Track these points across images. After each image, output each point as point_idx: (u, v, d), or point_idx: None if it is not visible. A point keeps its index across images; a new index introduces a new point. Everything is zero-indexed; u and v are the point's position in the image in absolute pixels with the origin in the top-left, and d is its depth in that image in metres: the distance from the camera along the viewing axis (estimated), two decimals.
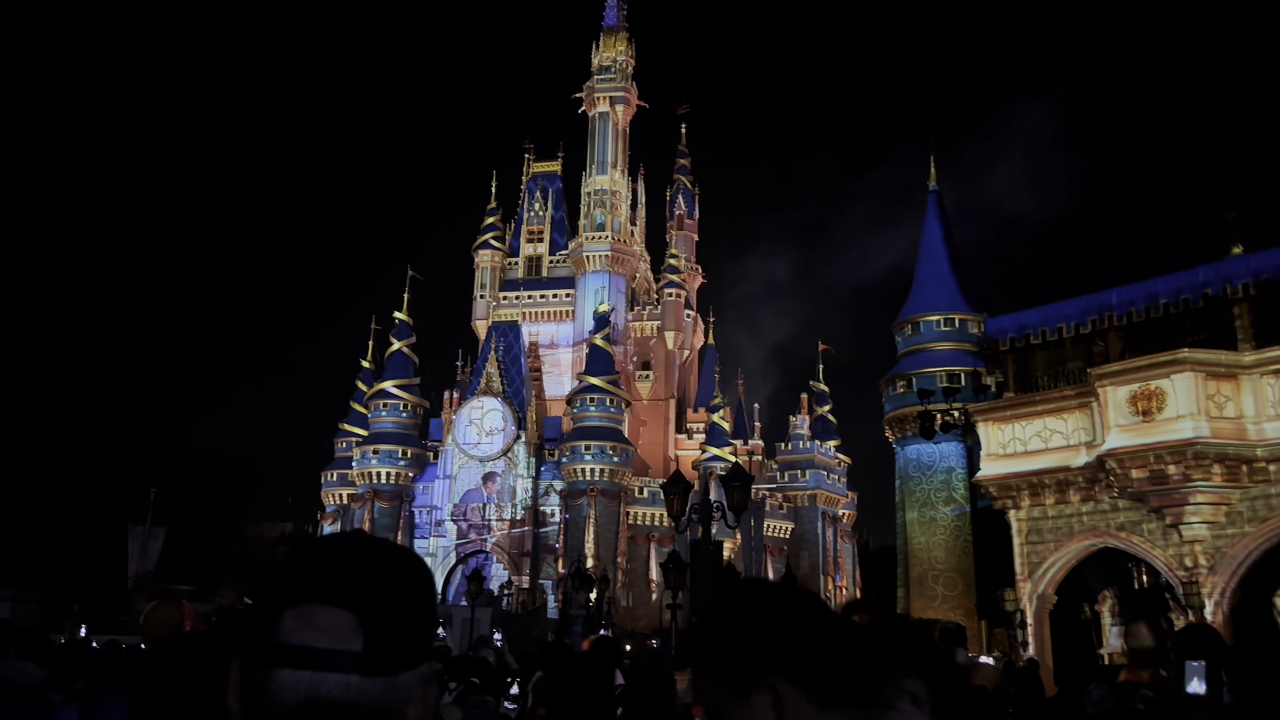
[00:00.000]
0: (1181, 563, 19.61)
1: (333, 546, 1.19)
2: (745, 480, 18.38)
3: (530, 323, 64.32)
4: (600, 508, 53.23)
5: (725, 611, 1.46)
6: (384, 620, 1.13)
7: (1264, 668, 4.56)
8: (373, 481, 56.33)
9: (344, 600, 1.12)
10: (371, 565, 1.16)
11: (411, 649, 1.15)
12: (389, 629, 1.13)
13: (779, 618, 1.42)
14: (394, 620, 1.14)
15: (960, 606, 28.88)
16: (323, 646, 1.09)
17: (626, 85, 67.55)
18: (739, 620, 1.43)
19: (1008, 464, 22.19)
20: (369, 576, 1.15)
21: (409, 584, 1.18)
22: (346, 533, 1.23)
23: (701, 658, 1.43)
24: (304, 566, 1.16)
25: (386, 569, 1.17)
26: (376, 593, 1.14)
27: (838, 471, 62.58)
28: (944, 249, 33.55)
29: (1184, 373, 18.94)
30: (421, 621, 1.18)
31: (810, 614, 1.44)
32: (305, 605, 1.12)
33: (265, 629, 1.12)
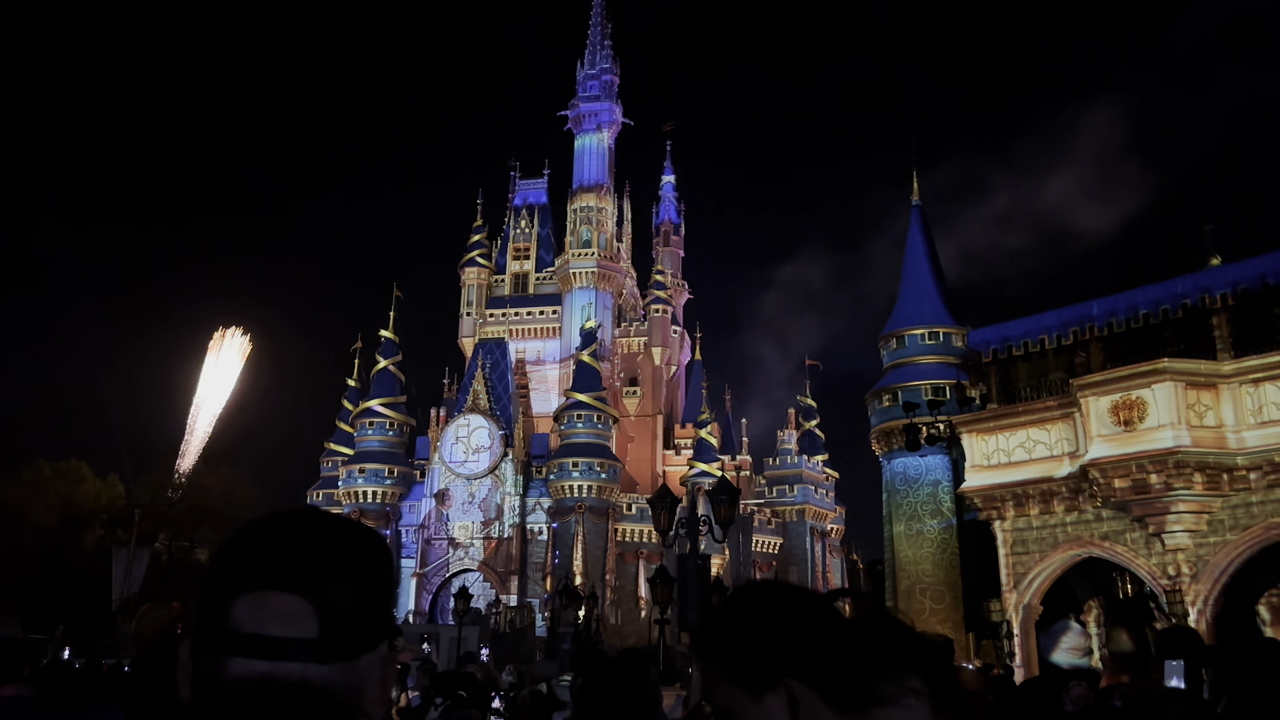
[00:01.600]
0: (1165, 571, 19.73)
1: (283, 527, 1.15)
2: (732, 495, 18.43)
3: (517, 340, 64.32)
4: (588, 524, 53.13)
5: (739, 610, 1.45)
6: (340, 604, 1.10)
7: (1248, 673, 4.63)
8: (359, 501, 56.09)
9: (298, 585, 1.09)
10: (325, 546, 1.13)
11: (370, 631, 1.13)
12: (345, 613, 1.10)
13: (792, 618, 1.41)
14: (350, 603, 1.11)
15: (948, 619, 28.92)
16: (278, 634, 1.07)
17: (612, 103, 67.90)
18: (754, 619, 1.42)
19: (992, 475, 22.31)
20: (323, 558, 1.12)
21: (365, 564, 1.15)
22: (296, 510, 1.18)
23: (715, 657, 1.41)
24: (255, 550, 1.12)
25: (341, 549, 1.14)
26: (331, 576, 1.11)
27: (825, 486, 62.68)
28: (928, 262, 33.78)
29: (1164, 382, 19.12)
30: (379, 601, 1.15)
31: (821, 614, 1.44)
32: (258, 591, 1.08)
33: (218, 615, 1.09)
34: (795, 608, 1.44)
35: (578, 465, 53.75)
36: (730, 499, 18.33)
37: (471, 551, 54.86)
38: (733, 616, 1.45)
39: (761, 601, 1.45)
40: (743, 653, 1.39)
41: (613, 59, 68.87)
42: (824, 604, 1.47)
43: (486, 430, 56.16)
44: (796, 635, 1.39)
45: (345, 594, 1.11)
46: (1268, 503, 18.76)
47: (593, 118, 67.38)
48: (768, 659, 1.36)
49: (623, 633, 49.78)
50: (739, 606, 1.46)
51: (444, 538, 55.19)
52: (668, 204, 73.40)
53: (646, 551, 53.32)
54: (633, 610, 52.86)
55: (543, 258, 67.78)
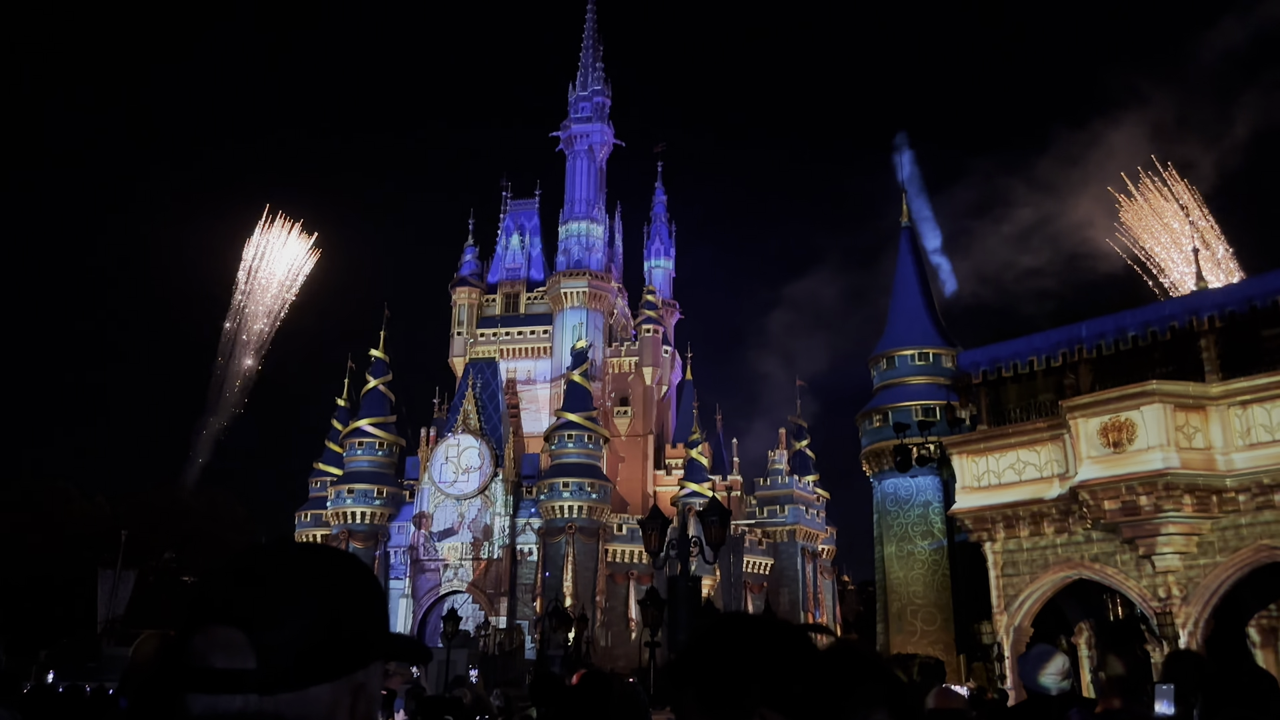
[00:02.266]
0: (1155, 594, 19.74)
1: (244, 559, 1.16)
2: (723, 515, 18.38)
3: (508, 360, 64.28)
4: (578, 545, 52.92)
5: (713, 642, 1.46)
6: (280, 635, 1.09)
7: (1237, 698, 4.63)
8: (347, 522, 55.77)
9: (237, 617, 1.10)
10: (272, 575, 1.14)
11: (325, 659, 1.11)
12: (288, 643, 1.10)
13: (766, 649, 1.42)
14: (294, 633, 1.10)
15: (939, 641, 28.85)
16: (221, 666, 1.08)
17: (603, 124, 68.27)
18: (727, 651, 1.43)
19: (982, 496, 22.32)
20: (269, 589, 1.12)
21: (321, 591, 1.14)
22: (264, 544, 1.20)
23: (689, 688, 1.42)
24: (209, 584, 1.15)
25: (291, 577, 1.14)
26: (274, 606, 1.11)
27: (817, 506, 62.60)
28: (917, 284, 33.95)
29: (1153, 404, 19.20)
30: (337, 628, 1.13)
31: (794, 646, 1.46)
32: (207, 625, 1.11)
33: (180, 651, 1.11)
34: (768, 640, 1.45)
35: (568, 485, 53.59)
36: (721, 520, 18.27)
37: (461, 573, 54.53)
38: (706, 648, 1.46)
39: (735, 634, 1.47)
40: (716, 684, 1.40)
41: (604, 80, 69.33)
42: (797, 636, 1.49)
43: (477, 450, 55.98)
44: (769, 667, 1.40)
45: (287, 623, 1.10)
46: (1257, 524, 18.81)
47: (584, 139, 67.72)
48: (741, 691, 1.38)
49: (613, 655, 49.50)
50: (713, 638, 1.47)
51: (433, 559, 54.87)
52: (659, 224, 73.70)
53: (637, 573, 53.08)
54: (623, 632, 52.57)
55: (534, 278, 67.95)
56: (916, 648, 28.08)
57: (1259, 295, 20.08)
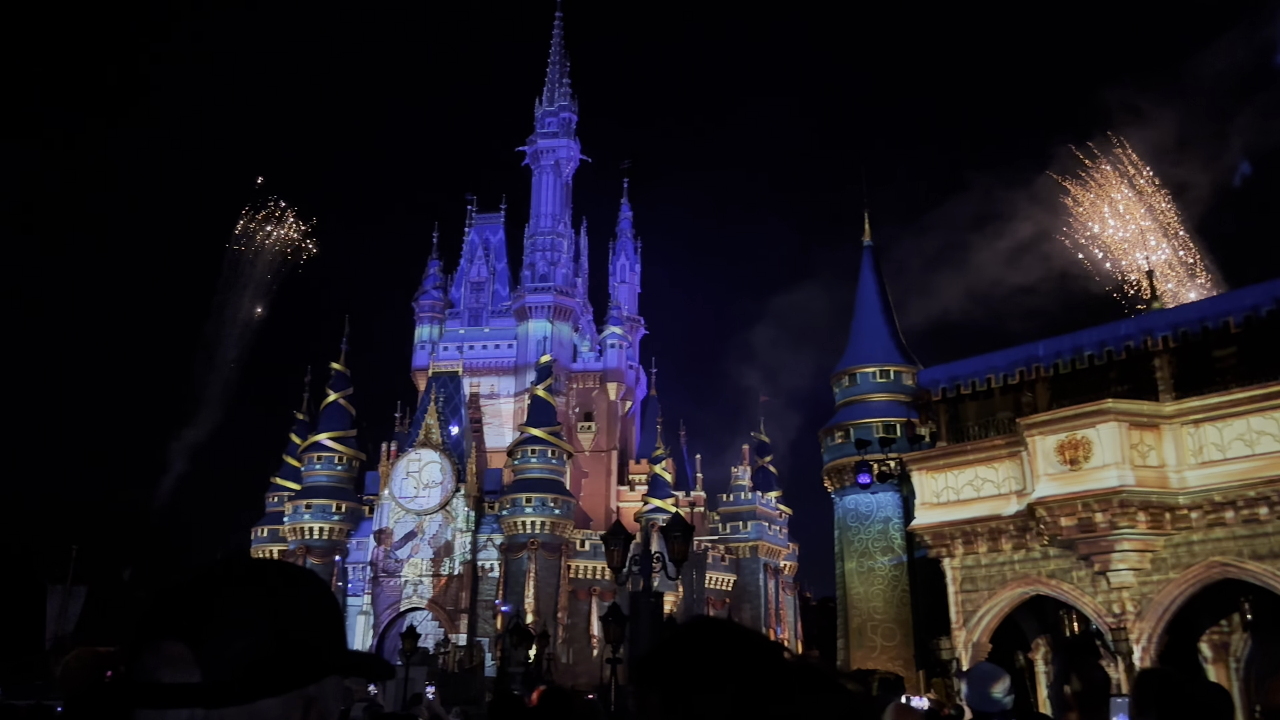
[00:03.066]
0: (1110, 609, 20.00)
1: (195, 577, 1.18)
2: (686, 531, 18.36)
3: (471, 374, 63.93)
4: (541, 561, 52.60)
5: (681, 648, 1.45)
6: (226, 648, 1.11)
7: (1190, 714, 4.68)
8: (305, 537, 55.00)
9: (182, 631, 1.11)
10: (223, 591, 1.15)
11: (271, 673, 1.12)
12: (235, 657, 1.11)
13: (733, 659, 1.41)
14: (241, 647, 1.12)
15: (899, 657, 29.00)
16: (167, 681, 1.09)
17: (570, 140, 68.41)
18: (694, 658, 1.42)
19: (941, 513, 22.52)
20: (215, 604, 1.14)
21: (269, 605, 1.16)
22: (218, 561, 1.21)
23: (653, 694, 1.41)
24: (159, 601, 1.16)
25: (241, 593, 1.15)
26: (219, 620, 1.12)
27: (779, 522, 62.81)
28: (879, 302, 34.29)
29: (1109, 422, 19.51)
30: (286, 642, 1.14)
31: (763, 658, 1.44)
32: (155, 641, 1.12)
33: (131, 667, 1.12)
34: (737, 650, 1.43)
35: (531, 501, 53.29)
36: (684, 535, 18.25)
37: (420, 589, 53.95)
38: (675, 653, 1.44)
39: (704, 641, 1.45)
40: (680, 691, 1.39)
41: (571, 96, 69.53)
42: (769, 649, 1.47)
43: (438, 465, 55.53)
44: (735, 678, 1.38)
45: (232, 637, 1.12)
46: (1209, 541, 19.15)
47: (550, 154, 67.82)
48: (703, 700, 1.36)
49: (574, 672, 49.18)
50: (682, 644, 1.45)
51: (393, 575, 54.25)
52: (625, 240, 73.85)
53: (600, 589, 52.85)
54: (585, 649, 52.28)
55: (498, 291, 67.76)
56: (876, 663, 28.19)
57: (1211, 316, 20.51)
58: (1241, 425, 18.93)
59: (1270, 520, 18.43)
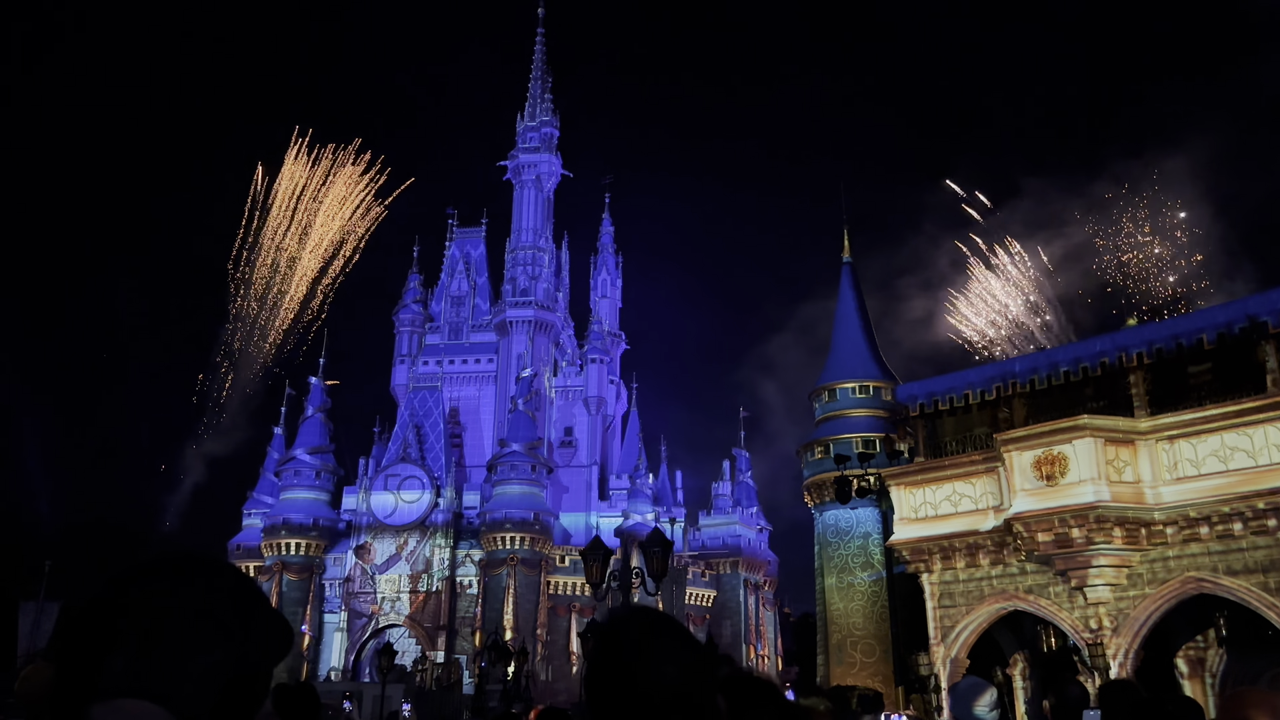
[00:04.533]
0: (1087, 624, 20.06)
1: (140, 604, 1.02)
2: (665, 546, 18.29)
3: (451, 388, 63.67)
4: (520, 577, 52.31)
5: (624, 668, 1.46)
6: (201, 700, 1.00)
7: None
8: (281, 553, 54.48)
9: (156, 691, 0.98)
10: (188, 634, 1.02)
11: (235, 712, 1.03)
12: (207, 703, 1.01)
13: (681, 676, 1.42)
14: (214, 693, 1.01)
15: (878, 672, 28.96)
16: None
17: (551, 155, 68.52)
18: (637, 675, 1.43)
19: (920, 528, 22.57)
20: (184, 653, 1.01)
21: (233, 638, 1.04)
22: (152, 573, 1.05)
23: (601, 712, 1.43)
24: (109, 646, 1.00)
25: (206, 633, 1.03)
26: (195, 671, 1.01)
27: (759, 538, 62.77)
28: (858, 318, 34.44)
29: (1084, 438, 19.62)
30: (249, 678, 1.05)
31: (706, 672, 1.46)
32: (113, 700, 0.97)
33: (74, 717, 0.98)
34: (685, 664, 1.44)
35: (510, 516, 53.04)
36: (664, 550, 18.18)
37: (398, 605, 53.51)
38: (618, 674, 1.44)
39: (649, 657, 1.45)
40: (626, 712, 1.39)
41: (553, 111, 69.67)
42: (711, 662, 1.48)
43: (417, 480, 55.21)
44: (681, 695, 1.39)
45: (209, 686, 1.01)
46: (1184, 557, 19.26)
47: (532, 169, 67.88)
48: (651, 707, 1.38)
49: (553, 689, 48.85)
50: (626, 660, 1.45)
51: (369, 592, 53.78)
52: (606, 255, 73.91)
53: (580, 605, 52.60)
54: (564, 666, 51.97)
55: (479, 306, 67.62)
56: (856, 679, 28.15)
57: (1185, 333, 20.70)
58: (1216, 441, 19.09)
59: (1245, 536, 18.56)
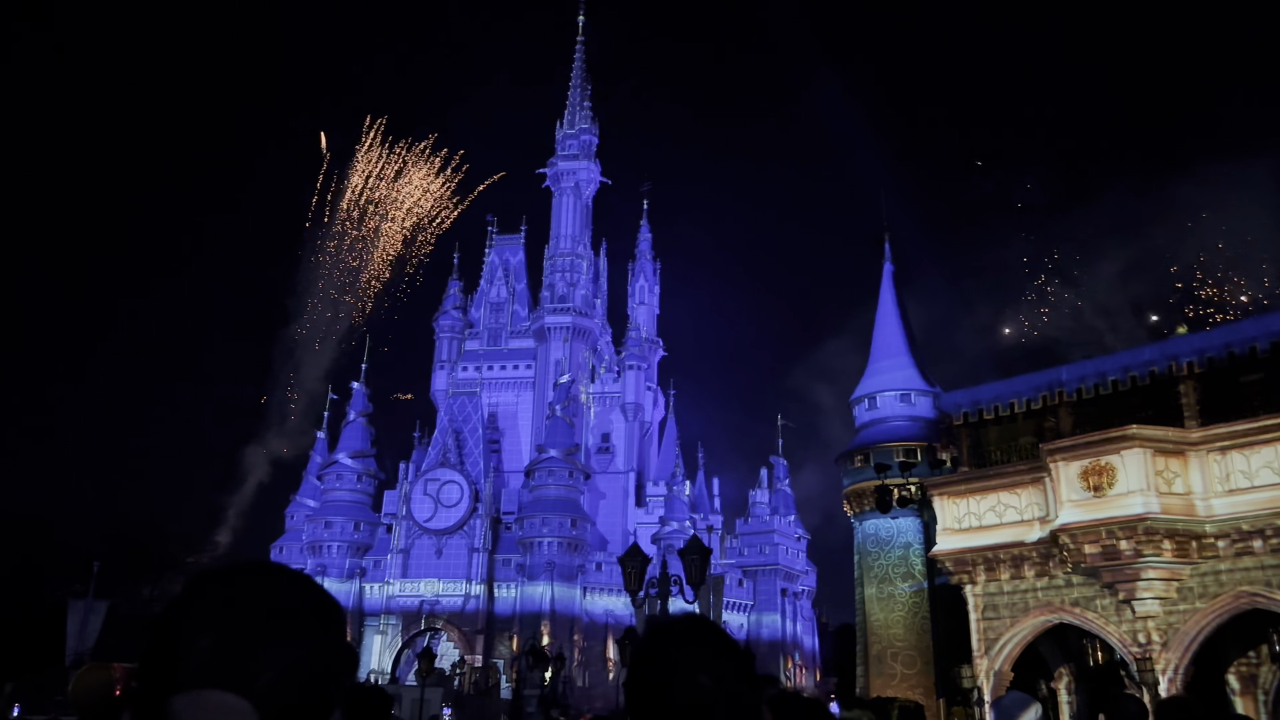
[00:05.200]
0: (1135, 639, 19.67)
1: (222, 602, 1.05)
2: (703, 553, 18.26)
3: (490, 394, 64.07)
4: (558, 583, 52.42)
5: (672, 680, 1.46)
6: (282, 695, 1.01)
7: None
8: (323, 555, 55.10)
9: (239, 684, 1.00)
10: (267, 630, 1.04)
11: (313, 712, 1.05)
12: (286, 693, 1.02)
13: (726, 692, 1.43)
14: (290, 681, 1.02)
15: (919, 684, 28.60)
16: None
17: (590, 162, 68.78)
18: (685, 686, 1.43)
19: (963, 539, 22.27)
20: (265, 648, 1.02)
21: (310, 639, 1.06)
22: (235, 577, 1.07)
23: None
24: (190, 639, 1.02)
25: (284, 630, 1.04)
26: (273, 666, 1.02)
27: (797, 546, 62.37)
28: (899, 324, 34.06)
29: (1133, 449, 19.25)
30: (325, 677, 1.07)
31: (753, 688, 1.46)
32: (195, 691, 0.99)
33: (154, 712, 1.00)
34: (724, 674, 1.45)
35: (548, 522, 53.19)
36: (702, 558, 18.14)
37: (437, 609, 53.88)
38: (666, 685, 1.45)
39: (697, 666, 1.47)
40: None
41: (592, 119, 69.96)
42: (754, 671, 1.50)
43: (456, 485, 55.57)
44: (720, 705, 1.41)
45: (289, 684, 1.02)
46: (1236, 571, 18.82)
47: (571, 176, 68.19)
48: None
49: (590, 695, 48.85)
50: (675, 672, 1.46)
51: (409, 595, 54.20)
52: (644, 261, 73.97)
53: (616, 611, 52.60)
54: (601, 672, 51.95)
55: (518, 312, 68.03)
56: (896, 690, 27.82)
57: (1237, 342, 20.28)
58: (1270, 453, 18.65)
59: None
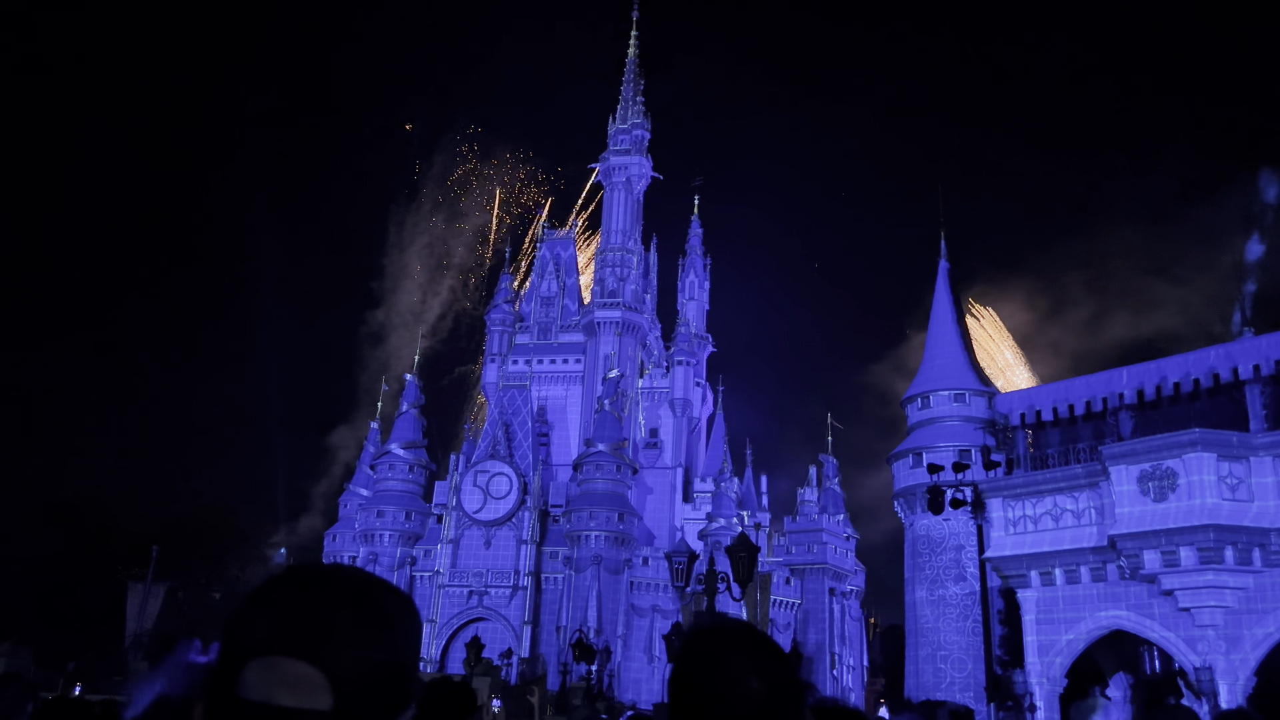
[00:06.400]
0: (1194, 648, 19.19)
1: (303, 586, 1.08)
2: (751, 551, 18.21)
3: (540, 387, 64.49)
4: (604, 576, 52.64)
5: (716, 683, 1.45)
6: (356, 674, 1.03)
7: None
8: (375, 543, 55.96)
9: (311, 652, 1.02)
10: (345, 609, 1.06)
11: (389, 702, 1.05)
12: (362, 682, 1.03)
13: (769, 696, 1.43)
14: (368, 672, 1.04)
15: (969, 688, 28.23)
16: (287, 704, 1.00)
17: (642, 157, 68.80)
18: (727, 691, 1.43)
19: (1017, 542, 21.90)
20: (340, 623, 1.04)
21: (388, 629, 1.08)
22: (320, 566, 1.12)
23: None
24: (269, 609, 1.06)
25: (362, 613, 1.06)
26: (348, 642, 1.04)
27: (846, 546, 61.85)
28: (954, 323, 33.58)
29: (1195, 453, 18.77)
30: (402, 669, 1.08)
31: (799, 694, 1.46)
32: (268, 656, 1.02)
33: (229, 679, 1.02)
34: (772, 680, 1.45)
35: (595, 515, 53.41)
36: (749, 556, 18.10)
37: (486, 600, 54.41)
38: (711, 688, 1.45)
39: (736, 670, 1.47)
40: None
41: (644, 114, 69.95)
42: (800, 679, 1.52)
43: (506, 477, 56.03)
44: (766, 711, 1.41)
45: (362, 661, 1.04)
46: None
47: (622, 171, 68.25)
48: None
49: (635, 688, 48.98)
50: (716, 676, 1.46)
51: (459, 585, 54.80)
52: (695, 257, 73.84)
53: (662, 606, 52.66)
54: (645, 666, 52.04)
55: (568, 306, 68.37)
56: (946, 694, 27.48)
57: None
58: None
59: None
